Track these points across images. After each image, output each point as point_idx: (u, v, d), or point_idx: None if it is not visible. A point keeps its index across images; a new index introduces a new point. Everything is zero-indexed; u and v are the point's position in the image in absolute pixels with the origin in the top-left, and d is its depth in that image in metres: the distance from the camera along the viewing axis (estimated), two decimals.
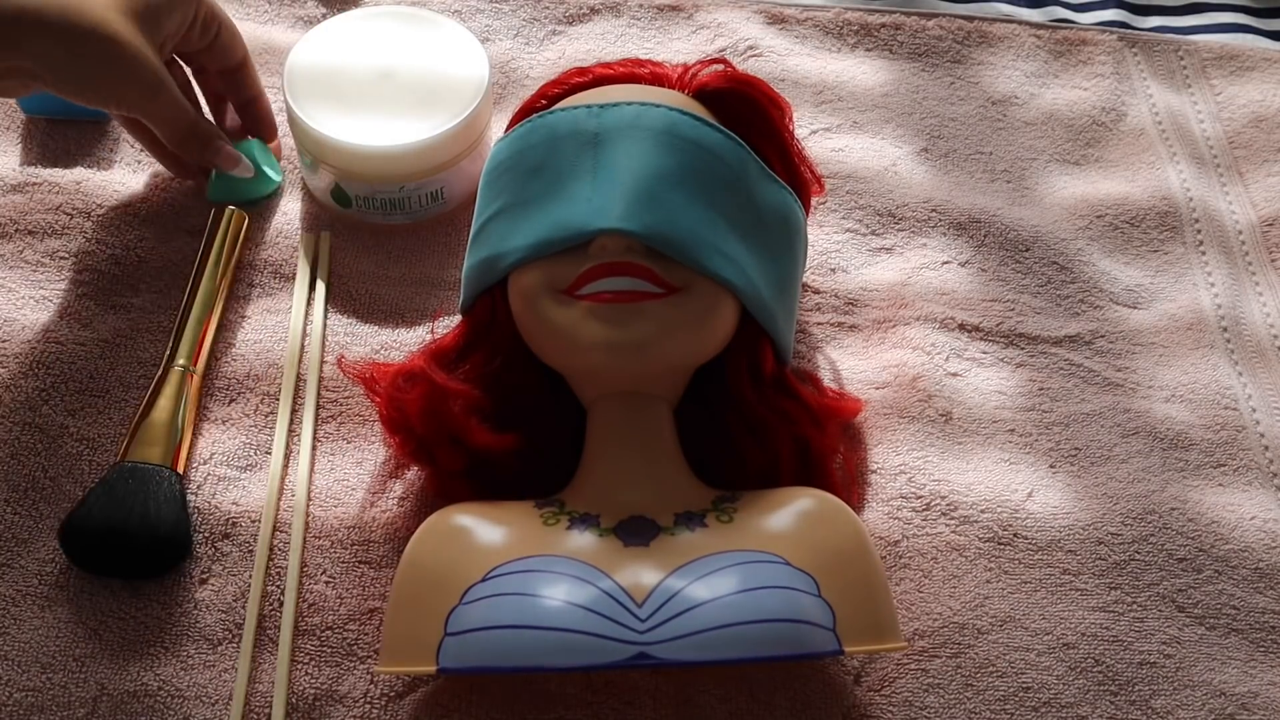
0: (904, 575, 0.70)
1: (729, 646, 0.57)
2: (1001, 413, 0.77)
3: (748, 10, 1.00)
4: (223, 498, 0.71)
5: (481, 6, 0.99)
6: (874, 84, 0.96)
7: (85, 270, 0.80)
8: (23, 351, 0.76)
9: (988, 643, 0.68)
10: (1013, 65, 0.98)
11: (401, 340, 0.79)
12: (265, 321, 0.79)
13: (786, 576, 0.59)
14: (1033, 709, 0.66)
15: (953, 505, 0.72)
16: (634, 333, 0.64)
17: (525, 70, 0.95)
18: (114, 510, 0.68)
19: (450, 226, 0.85)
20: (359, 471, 0.73)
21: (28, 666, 0.65)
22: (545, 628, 0.57)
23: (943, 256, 0.85)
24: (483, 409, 0.69)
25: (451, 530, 0.64)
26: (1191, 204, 0.89)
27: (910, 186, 0.89)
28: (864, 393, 0.78)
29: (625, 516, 0.64)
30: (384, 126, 0.80)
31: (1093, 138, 0.94)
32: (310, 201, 0.86)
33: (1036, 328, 0.82)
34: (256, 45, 0.94)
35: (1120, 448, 0.76)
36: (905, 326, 0.81)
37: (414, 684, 0.66)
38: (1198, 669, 0.68)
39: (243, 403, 0.76)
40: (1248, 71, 0.98)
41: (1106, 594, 0.70)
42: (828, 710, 0.65)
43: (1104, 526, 0.72)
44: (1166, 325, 0.83)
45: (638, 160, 0.67)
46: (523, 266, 0.68)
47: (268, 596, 0.68)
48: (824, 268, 0.84)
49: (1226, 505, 0.74)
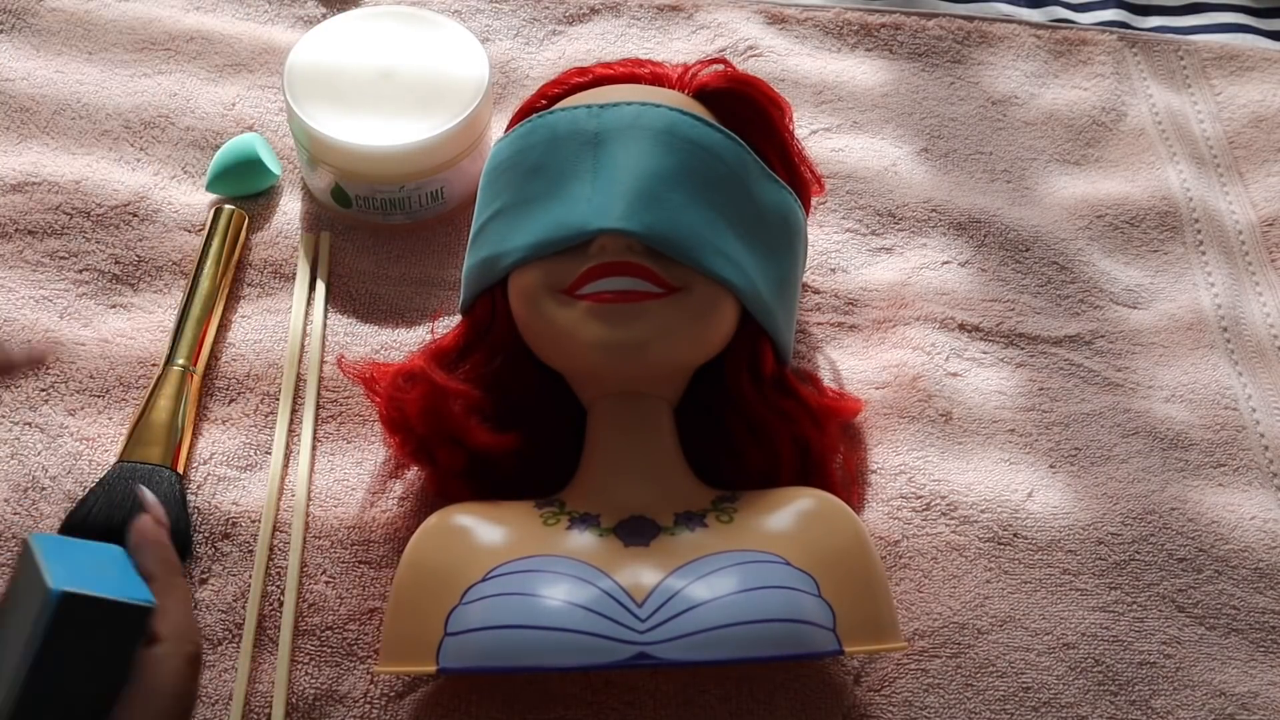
0: (904, 575, 0.70)
1: (729, 646, 0.57)
2: (1001, 413, 0.77)
3: (748, 10, 1.00)
4: (223, 498, 0.71)
5: (481, 6, 0.99)
6: (874, 84, 0.96)
7: (85, 270, 0.80)
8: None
9: (988, 643, 0.68)
10: (1013, 65, 0.98)
11: (401, 340, 0.79)
12: (265, 321, 0.79)
13: (786, 576, 0.59)
14: (1033, 709, 0.66)
15: (953, 505, 0.72)
16: (634, 333, 0.64)
17: (525, 70, 0.95)
18: (114, 510, 0.68)
19: (450, 226, 0.85)
20: (359, 471, 0.73)
21: None
22: (545, 628, 0.57)
23: (943, 256, 0.85)
24: (483, 409, 0.69)
25: (451, 530, 0.64)
26: (1191, 204, 0.89)
27: (910, 186, 0.89)
28: (864, 393, 0.78)
29: (625, 516, 0.64)
30: (384, 126, 0.80)
31: (1093, 138, 0.94)
32: (310, 201, 0.86)
33: (1036, 328, 0.82)
34: (257, 45, 0.94)
35: (1120, 448, 0.76)
36: (905, 326, 0.81)
37: (414, 684, 0.66)
38: (1198, 669, 0.68)
39: (243, 403, 0.76)
40: (1248, 71, 0.98)
41: (1106, 594, 0.70)
42: (828, 710, 0.65)
43: (1104, 526, 0.72)
44: (1166, 325, 0.83)
45: (638, 160, 0.67)
46: (523, 266, 0.68)
47: (268, 596, 0.68)
48: (824, 268, 0.84)
49: (1226, 505, 0.74)
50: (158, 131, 0.89)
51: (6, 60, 0.92)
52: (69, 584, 0.49)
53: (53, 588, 0.49)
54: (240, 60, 0.93)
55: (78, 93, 0.90)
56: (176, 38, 0.94)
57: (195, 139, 0.88)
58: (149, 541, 0.55)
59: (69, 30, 0.94)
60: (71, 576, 0.50)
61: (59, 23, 0.95)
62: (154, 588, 0.53)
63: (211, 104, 0.90)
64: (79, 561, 0.52)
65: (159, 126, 0.89)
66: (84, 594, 0.49)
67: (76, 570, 0.51)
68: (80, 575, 0.50)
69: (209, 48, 0.94)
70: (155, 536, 0.55)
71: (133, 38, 0.94)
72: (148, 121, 0.89)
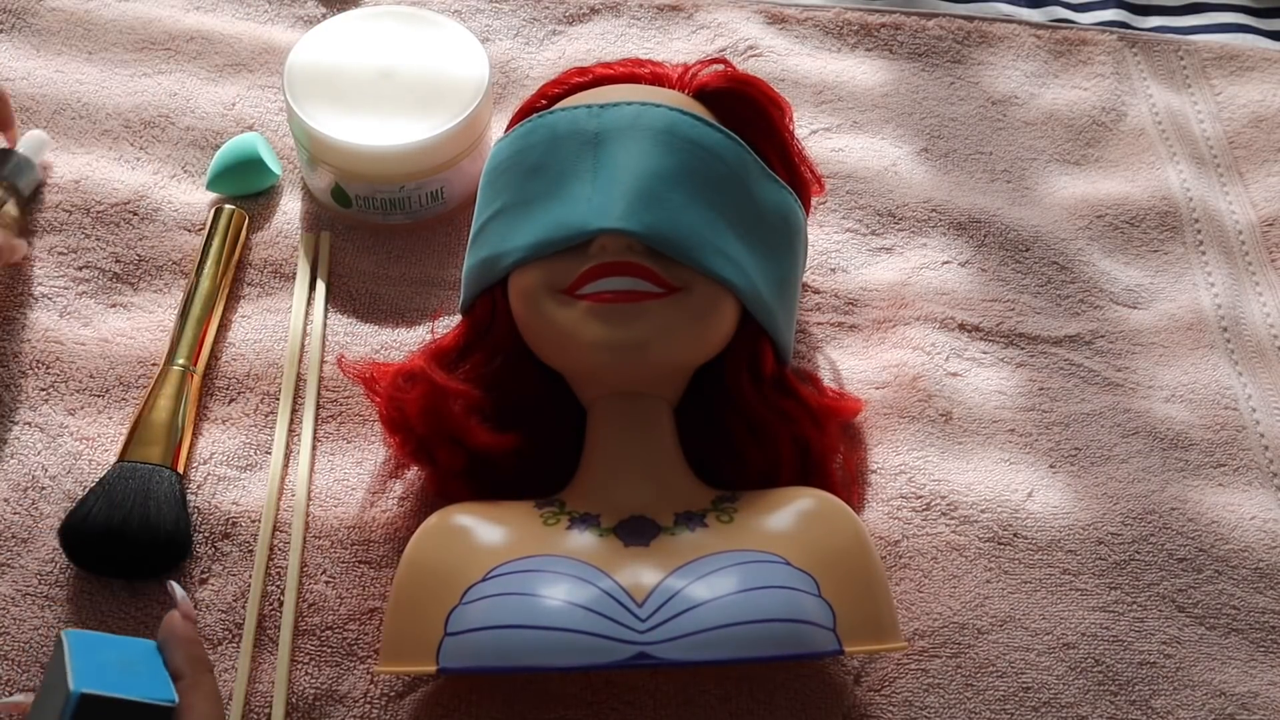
0: (904, 575, 0.70)
1: (729, 646, 0.57)
2: (1001, 413, 0.77)
3: (748, 10, 1.00)
4: (223, 498, 0.71)
5: (481, 6, 0.99)
6: (874, 84, 0.96)
7: (85, 268, 0.80)
8: (23, 351, 0.76)
9: (988, 643, 0.68)
10: (1013, 65, 0.98)
11: (401, 340, 0.79)
12: (265, 321, 0.79)
13: (787, 576, 0.59)
14: (1033, 709, 0.66)
15: (953, 505, 0.72)
16: (634, 332, 0.64)
17: (525, 70, 0.95)
18: (114, 510, 0.68)
19: (450, 226, 0.85)
20: (359, 471, 0.73)
21: (28, 666, 0.65)
22: (545, 627, 0.57)
23: (943, 256, 0.85)
24: (483, 409, 0.69)
25: (451, 530, 0.64)
26: (1191, 204, 0.89)
27: (910, 186, 0.89)
28: (864, 393, 0.78)
29: (625, 516, 0.64)
30: (384, 126, 0.80)
31: (1093, 138, 0.94)
32: (310, 201, 0.86)
33: (1036, 328, 0.82)
34: (257, 45, 0.94)
35: (1120, 448, 0.76)
36: (905, 326, 0.81)
37: (414, 684, 0.66)
38: (1198, 669, 0.68)
39: (243, 402, 0.76)
40: (1248, 71, 0.98)
41: (1106, 594, 0.70)
42: (828, 710, 0.65)
43: (1104, 526, 0.72)
44: (1166, 325, 0.83)
45: (638, 160, 0.67)
46: (523, 266, 0.68)
47: (268, 596, 0.68)
48: (824, 268, 0.84)
49: (1226, 505, 0.74)
50: (158, 131, 0.89)
51: (6, 60, 0.92)
52: (88, 685, 0.51)
53: (73, 689, 0.51)
54: (240, 60, 0.93)
55: (78, 93, 0.90)
56: (176, 38, 0.94)
57: (195, 139, 0.88)
58: (178, 638, 0.56)
59: (69, 30, 0.94)
60: (93, 677, 0.52)
61: (59, 23, 0.95)
62: (181, 685, 0.54)
63: (211, 104, 0.90)
64: (106, 660, 0.54)
65: (159, 126, 0.89)
66: (103, 695, 0.51)
67: (101, 670, 0.53)
68: (103, 675, 0.52)
69: (209, 48, 0.94)
70: (185, 633, 0.56)
71: (133, 38, 0.94)
72: (148, 121, 0.89)
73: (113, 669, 0.53)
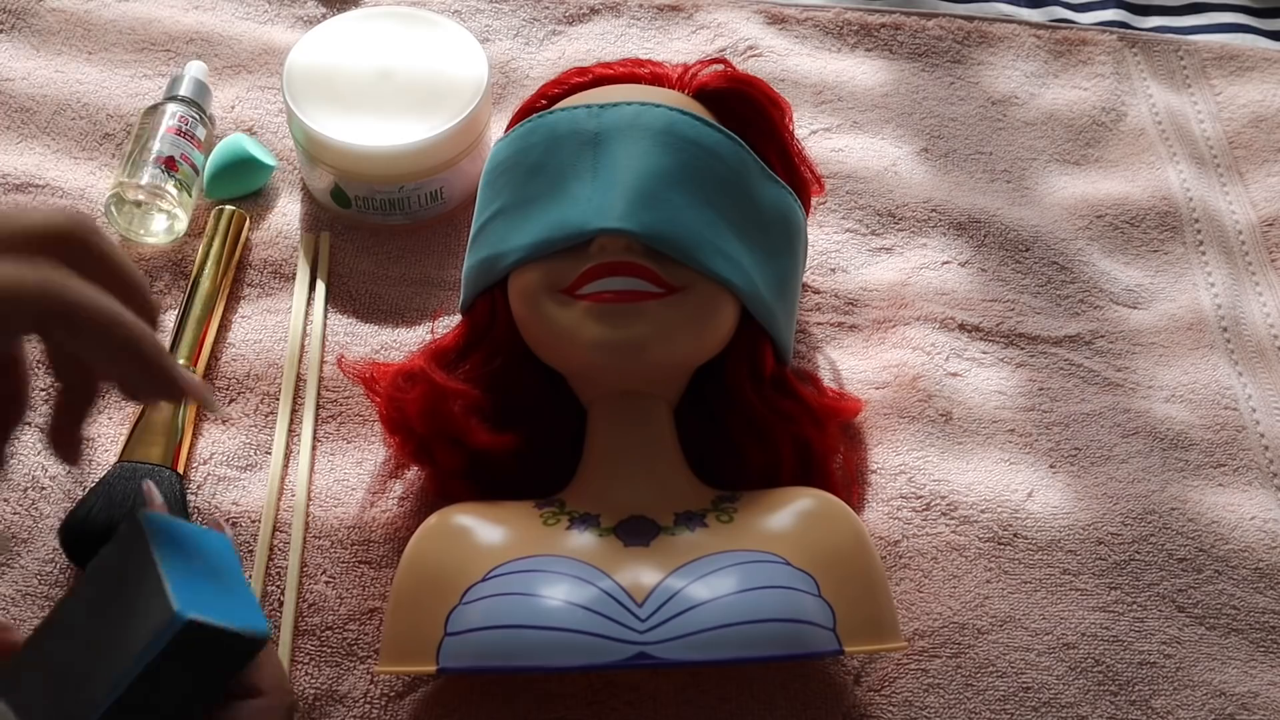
0: (904, 575, 0.70)
1: (729, 646, 0.57)
2: (1001, 413, 0.77)
3: (748, 10, 1.00)
4: (223, 498, 0.71)
5: (481, 6, 0.99)
6: (874, 84, 0.96)
7: None
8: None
9: (988, 643, 0.68)
10: (1013, 65, 0.98)
11: (401, 340, 0.79)
12: (265, 321, 0.79)
13: (786, 576, 0.59)
14: (1033, 709, 0.66)
15: (953, 505, 0.72)
16: (634, 333, 0.64)
17: (525, 70, 0.95)
18: (114, 510, 0.68)
19: (450, 226, 0.85)
20: (359, 471, 0.73)
21: None
22: (545, 628, 0.57)
23: (943, 256, 0.85)
24: (483, 409, 0.69)
25: (451, 530, 0.64)
26: (1191, 204, 0.89)
27: (910, 186, 0.89)
28: (864, 393, 0.78)
29: (625, 516, 0.64)
30: (384, 126, 0.80)
31: (1093, 138, 0.94)
32: (310, 201, 0.86)
33: (1036, 328, 0.82)
34: (256, 45, 0.94)
35: (1120, 448, 0.76)
36: (905, 326, 0.81)
37: (414, 684, 0.66)
38: (1198, 669, 0.68)
39: (243, 403, 0.76)
40: (1248, 71, 0.98)
41: (1106, 594, 0.70)
42: (828, 710, 0.65)
43: (1104, 526, 0.72)
44: (1166, 325, 0.83)
45: (638, 160, 0.67)
46: (523, 266, 0.68)
47: (268, 596, 0.68)
48: (824, 268, 0.84)
49: (1226, 505, 0.74)
50: None
51: (6, 60, 0.92)
52: (194, 610, 0.45)
53: (178, 611, 0.45)
54: (240, 60, 0.93)
55: (78, 93, 0.90)
56: (176, 38, 0.94)
57: None
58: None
59: (69, 30, 0.95)
60: (194, 598, 0.46)
61: (59, 23, 0.95)
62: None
63: (212, 105, 0.90)
64: (192, 569, 0.47)
65: None
66: (208, 623, 0.46)
67: (197, 588, 0.47)
68: (201, 595, 0.46)
69: (209, 48, 0.94)
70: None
71: (133, 38, 0.94)
72: None
73: (205, 581, 0.46)
